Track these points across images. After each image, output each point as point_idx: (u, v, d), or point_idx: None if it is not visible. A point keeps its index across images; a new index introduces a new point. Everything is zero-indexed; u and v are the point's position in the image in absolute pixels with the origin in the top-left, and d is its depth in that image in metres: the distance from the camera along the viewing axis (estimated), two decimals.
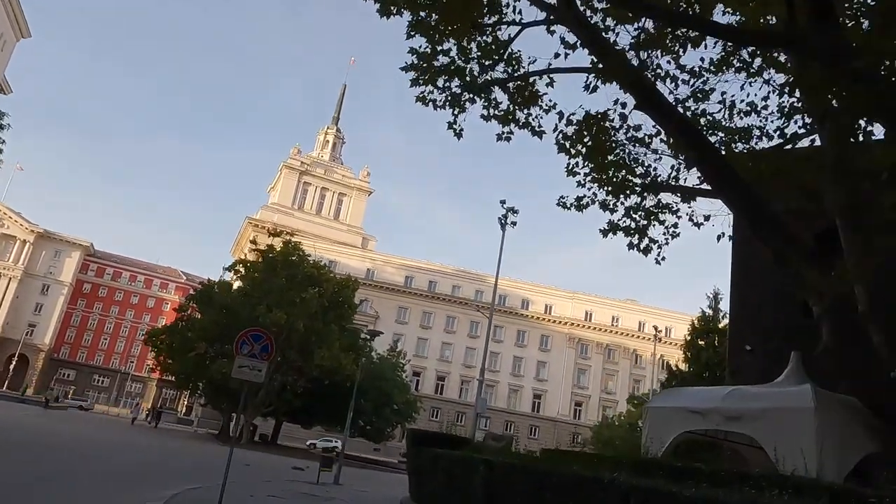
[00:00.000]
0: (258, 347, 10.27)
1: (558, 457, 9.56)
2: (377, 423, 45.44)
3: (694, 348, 35.13)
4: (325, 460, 19.06)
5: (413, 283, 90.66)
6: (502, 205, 26.98)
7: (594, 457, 8.57)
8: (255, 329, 10.76)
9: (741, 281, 15.20)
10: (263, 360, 10.40)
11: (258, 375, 10.34)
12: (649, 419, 9.67)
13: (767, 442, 7.65)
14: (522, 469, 7.40)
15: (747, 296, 14.99)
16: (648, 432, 9.45)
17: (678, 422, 8.94)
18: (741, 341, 14.77)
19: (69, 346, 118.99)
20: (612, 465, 7.20)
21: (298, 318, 40.74)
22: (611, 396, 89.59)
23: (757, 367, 13.93)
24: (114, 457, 19.49)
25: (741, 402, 8.41)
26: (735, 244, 15.42)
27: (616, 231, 13.72)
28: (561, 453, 10.38)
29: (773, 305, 14.66)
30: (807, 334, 14.44)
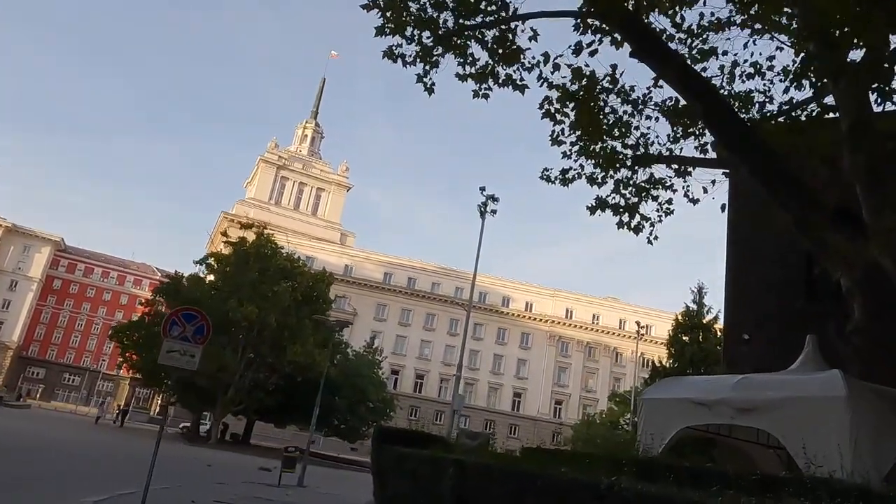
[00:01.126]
0: (191, 329, 8.87)
1: (541, 456, 8.31)
2: (352, 422, 43.99)
3: (678, 344, 34.24)
4: (288, 460, 17.56)
5: (392, 279, 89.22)
6: (482, 192, 25.75)
7: (582, 456, 7.34)
8: (188, 308, 9.33)
9: (737, 264, 14.06)
10: (198, 344, 9.00)
11: (191, 362, 8.95)
12: (645, 412, 8.46)
13: (789, 437, 6.51)
14: (501, 471, 6.15)
15: (744, 280, 13.86)
16: (644, 427, 8.25)
17: (679, 415, 7.76)
18: (737, 330, 13.63)
19: (38, 343, 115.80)
20: (605, 466, 5.96)
21: (270, 312, 39.21)
22: (591, 395, 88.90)
23: (755, 357, 12.80)
24: (57, 458, 17.91)
25: (755, 391, 7.24)
26: (731, 222, 14.32)
27: (604, 208, 12.53)
28: (543, 452, 9.15)
29: (772, 290, 13.57)
30: (810, 321, 13.38)
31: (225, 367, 38.41)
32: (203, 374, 37.60)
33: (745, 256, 14.05)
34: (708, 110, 7.65)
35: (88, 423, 45.04)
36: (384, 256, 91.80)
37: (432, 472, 7.45)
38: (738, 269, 14.13)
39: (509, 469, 6.02)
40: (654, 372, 34.92)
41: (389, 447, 9.39)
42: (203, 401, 42.71)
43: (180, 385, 43.33)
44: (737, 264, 14.16)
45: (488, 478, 6.26)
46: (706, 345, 33.58)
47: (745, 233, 14.14)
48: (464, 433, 11.92)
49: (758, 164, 7.30)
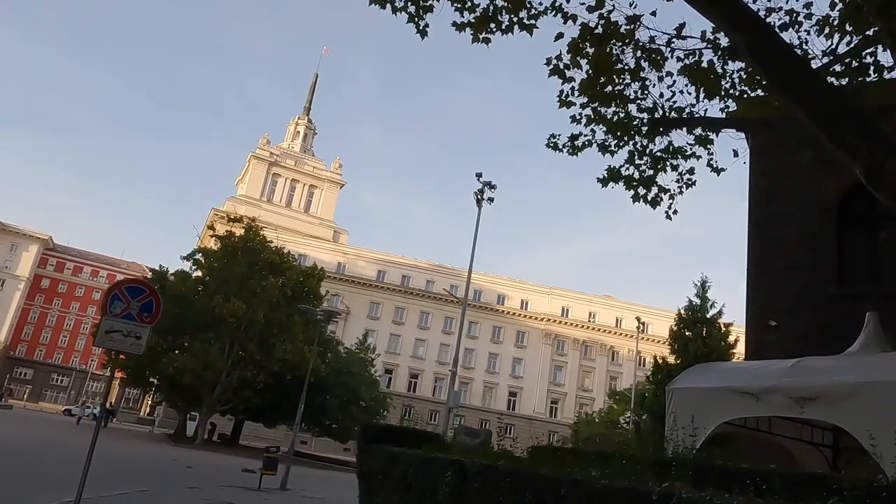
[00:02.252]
0: (137, 305, 7.52)
1: (553, 456, 7.01)
2: (344, 422, 42.60)
3: (681, 339, 32.97)
4: (269, 461, 16.13)
5: (386, 277, 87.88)
6: (478, 178, 24.47)
7: (604, 456, 6.04)
8: (133, 280, 7.93)
9: (761, 246, 12.78)
10: (145, 324, 7.65)
11: (136, 345, 7.59)
12: (675, 405, 7.21)
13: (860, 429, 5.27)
14: (512, 474, 4.88)
15: (768, 263, 12.58)
16: (675, 421, 6.98)
17: (718, 407, 6.54)
18: (762, 316, 12.34)
19: (26, 343, 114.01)
20: (640, 468, 4.68)
21: (259, 308, 37.80)
22: (587, 394, 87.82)
23: (783, 345, 11.52)
24: (18, 461, 16.50)
25: (817, 376, 6.02)
26: (753, 199, 13.07)
27: (617, 180, 11.25)
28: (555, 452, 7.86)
29: (800, 273, 12.30)
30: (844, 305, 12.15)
31: (211, 365, 37.02)
32: (188, 372, 36.26)
33: (770, 237, 12.79)
34: (756, 44, 6.40)
35: (70, 424, 43.50)
36: (378, 254, 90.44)
37: (427, 475, 6.20)
38: (762, 252, 12.87)
39: (522, 473, 4.76)
40: (656, 368, 33.76)
41: (377, 447, 8.11)
42: (189, 400, 41.29)
43: (165, 384, 42.01)
44: (760, 246, 12.89)
45: (495, 483, 5.01)
46: (710, 340, 32.41)
47: (768, 211, 12.90)
48: (462, 430, 10.71)
49: (820, 104, 6.07)
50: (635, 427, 38.55)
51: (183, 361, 35.86)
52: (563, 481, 4.20)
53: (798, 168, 12.72)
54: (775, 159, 13.12)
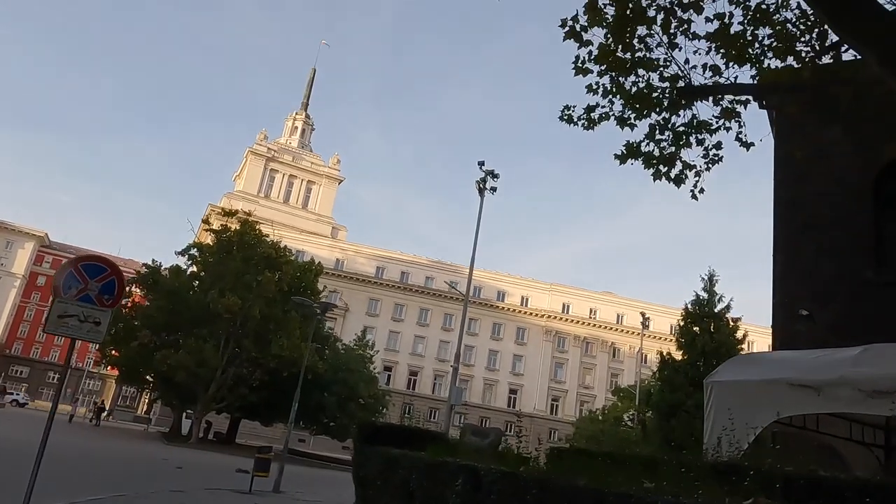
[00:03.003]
0: (96, 286, 6.55)
1: (577, 459, 6.07)
2: (342, 420, 41.66)
3: (688, 335, 32.05)
4: (260, 462, 15.18)
5: (385, 273, 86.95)
6: (480, 167, 23.52)
7: (639, 459, 5.12)
8: (91, 256, 6.89)
9: (788, 228, 11.85)
10: (106, 307, 6.68)
11: (94, 331, 6.61)
12: (716, 400, 6.31)
13: None
14: (540, 486, 3.95)
15: (798, 244, 11.65)
16: (714, 420, 6.08)
17: (770, 402, 5.64)
18: (792, 304, 11.41)
19: (22, 341, 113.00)
20: (692, 475, 3.77)
21: (254, 303, 36.83)
22: (588, 391, 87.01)
23: (816, 335, 10.59)
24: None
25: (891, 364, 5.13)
26: (779, 178, 12.14)
27: (636, 156, 10.34)
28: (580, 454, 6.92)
29: (833, 258, 11.38)
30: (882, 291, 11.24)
31: (206, 362, 36.06)
32: (182, 369, 35.34)
33: (799, 219, 11.86)
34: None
35: (62, 423, 42.48)
36: (376, 250, 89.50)
37: (433, 482, 5.30)
38: (791, 235, 11.94)
39: (554, 483, 3.86)
40: (662, 365, 32.84)
41: (375, 448, 7.19)
42: (183, 398, 40.34)
43: (160, 381, 41.07)
44: (788, 229, 11.96)
45: (518, 495, 4.11)
46: (718, 335, 31.50)
47: (797, 191, 11.96)
48: (469, 429, 9.82)
49: None
50: (641, 424, 37.68)
51: (177, 358, 34.90)
52: (608, 496, 3.31)
53: (829, 145, 11.81)
54: (804, 136, 12.18)
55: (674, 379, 30.72)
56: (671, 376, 31.04)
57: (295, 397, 17.91)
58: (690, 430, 27.83)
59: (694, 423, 28.00)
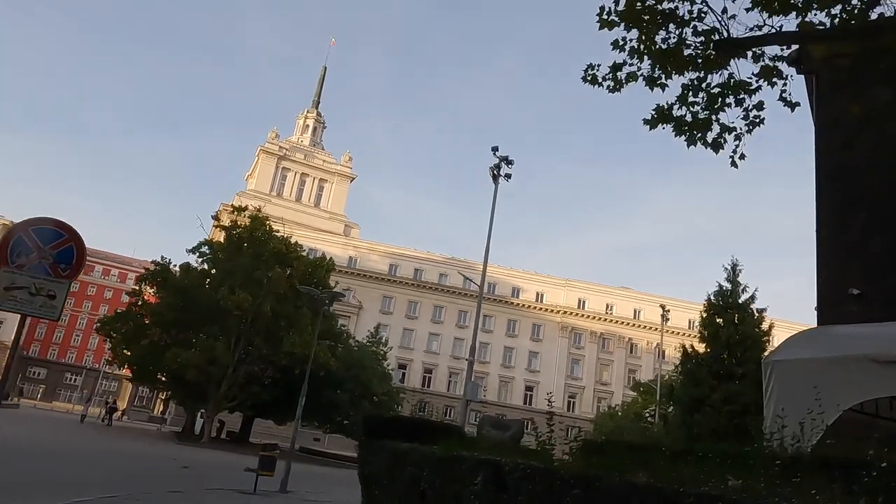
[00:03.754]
0: (51, 254, 5.70)
1: (614, 452, 5.17)
2: (355, 417, 40.86)
3: (711, 326, 30.87)
4: (265, 461, 14.34)
5: (398, 271, 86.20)
6: (494, 153, 22.60)
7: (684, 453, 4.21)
8: (45, 220, 5.94)
9: (835, 196, 10.83)
10: (62, 278, 5.81)
11: (48, 307, 5.70)
12: (778, 381, 5.40)
13: None
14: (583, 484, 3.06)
15: (845, 217, 10.64)
16: (777, 403, 5.17)
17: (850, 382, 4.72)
18: (838, 285, 10.39)
19: (39, 343, 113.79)
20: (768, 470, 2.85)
21: (265, 300, 36.15)
22: (606, 387, 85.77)
23: (868, 318, 9.54)
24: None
25: None
26: (821, 146, 11.13)
27: (667, 121, 9.42)
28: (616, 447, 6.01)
29: (885, 233, 10.36)
30: None
31: (217, 360, 35.44)
32: (193, 367, 34.77)
33: (845, 191, 10.84)
34: None
35: (73, 423, 42.19)
36: (389, 247, 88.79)
37: (447, 480, 4.45)
38: (836, 208, 10.92)
39: (602, 480, 2.98)
40: (684, 358, 31.68)
41: (381, 443, 6.34)
42: (195, 397, 39.79)
43: (171, 380, 40.57)
44: (833, 202, 10.95)
45: (553, 494, 3.25)
46: (743, 327, 30.31)
47: (843, 160, 10.94)
48: (488, 422, 8.97)
49: None
50: (662, 420, 36.59)
51: (187, 356, 34.32)
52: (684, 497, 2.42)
53: (877, 109, 10.79)
54: (849, 100, 11.15)
55: (697, 373, 29.62)
56: (694, 370, 29.92)
57: (302, 392, 17.13)
58: (715, 424, 26.83)
59: (719, 417, 27.00)
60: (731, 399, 27.39)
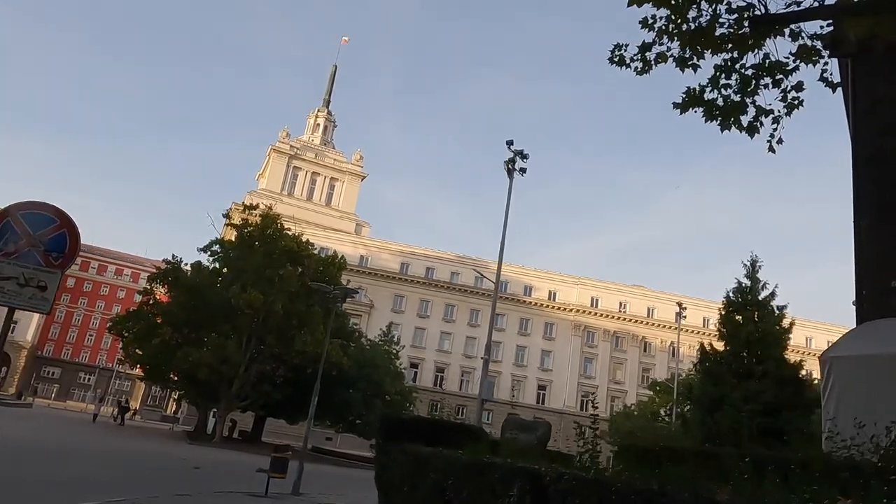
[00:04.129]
0: (42, 241, 5.25)
1: (643, 455, 4.67)
2: (368, 417, 40.51)
3: (730, 324, 30.19)
4: (277, 462, 13.91)
5: (409, 270, 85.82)
6: (509, 147, 22.10)
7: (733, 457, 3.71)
8: (35, 204, 5.44)
9: (876, 183, 10.24)
10: (54, 268, 5.37)
11: (39, 300, 5.25)
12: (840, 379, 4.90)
13: None
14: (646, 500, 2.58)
15: (887, 205, 10.05)
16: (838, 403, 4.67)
17: None
18: (881, 274, 9.81)
19: (53, 343, 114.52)
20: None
21: (276, 298, 35.83)
22: (619, 386, 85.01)
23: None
24: None
25: None
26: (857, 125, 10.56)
27: (698, 105, 8.91)
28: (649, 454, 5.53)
29: None
30: None
31: (228, 359, 35.17)
32: (205, 366, 34.52)
33: (887, 176, 10.25)
34: None
35: (85, 422, 42.10)
36: (401, 246, 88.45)
37: (476, 490, 3.98)
38: (876, 195, 10.33)
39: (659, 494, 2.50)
40: (703, 356, 31.03)
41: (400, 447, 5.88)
42: (207, 396, 39.56)
43: (183, 379, 40.36)
44: (873, 189, 10.36)
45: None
46: (763, 324, 29.62)
47: (884, 144, 10.35)
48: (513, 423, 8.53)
49: None
50: (680, 419, 35.93)
51: (199, 355, 34.08)
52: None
53: None
54: (888, 83, 10.57)
55: (716, 371, 28.99)
56: (713, 368, 29.29)
57: (315, 390, 16.74)
58: (735, 423, 26.18)
59: (739, 416, 26.35)
60: (752, 398, 26.77)
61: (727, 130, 8.69)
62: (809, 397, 28.10)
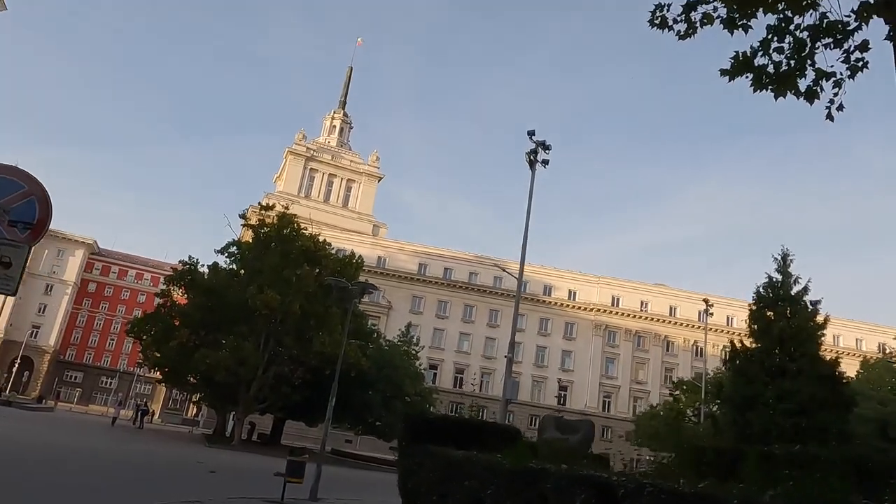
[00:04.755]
0: (5, 209, 4.47)
1: (701, 457, 3.87)
2: (388, 418, 39.85)
3: (761, 320, 29.09)
4: (293, 466, 13.22)
5: (427, 270, 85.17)
6: (531, 137, 21.31)
7: None
8: None
9: None
10: (20, 242, 4.61)
11: (3, 279, 4.48)
12: None
13: None
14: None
15: None
16: None
17: None
18: None
19: (75, 347, 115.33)
20: None
21: (294, 298, 35.30)
22: (642, 386, 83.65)
23: None
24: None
25: None
26: None
27: (748, 71, 8.07)
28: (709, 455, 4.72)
29: None
30: None
31: (246, 361, 34.70)
32: (222, 369, 34.09)
33: None
34: None
35: (104, 426, 41.88)
36: (418, 246, 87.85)
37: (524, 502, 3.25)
38: None
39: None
40: (733, 353, 29.97)
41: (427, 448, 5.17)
42: (225, 398, 39.15)
43: (201, 382, 40.00)
44: None
45: None
46: (796, 320, 28.51)
47: None
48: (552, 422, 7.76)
49: None
50: (710, 419, 34.81)
51: (216, 357, 33.65)
52: None
53: None
54: None
55: (748, 369, 27.93)
56: (744, 366, 28.24)
57: (332, 392, 16.07)
58: (769, 423, 25.12)
59: (774, 416, 25.28)
60: (786, 396, 25.73)
61: (782, 97, 7.86)
62: (846, 396, 27.00)
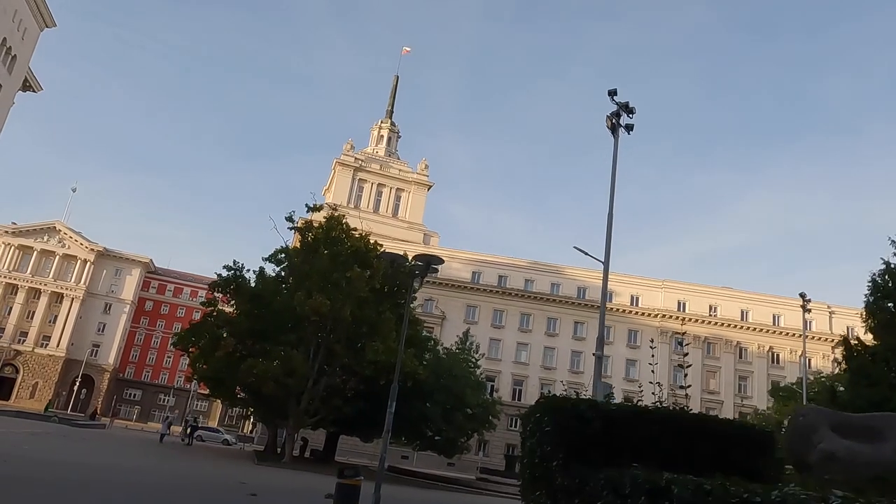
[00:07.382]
0: None
1: None
2: (448, 432, 36.79)
3: (881, 312, 25.07)
4: (344, 490, 10.38)
5: (481, 278, 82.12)
6: (612, 98, 18.18)
7: None
8: None
9: None
10: None
11: None
12: None
13: None
14: None
15: None
16: None
17: None
18: None
19: (133, 365, 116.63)
20: None
21: (345, 304, 32.76)
22: (714, 396, 78.26)
23: None
24: None
25: None
26: None
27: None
28: None
29: None
30: None
31: (295, 371, 32.29)
32: (270, 380, 31.73)
33: None
34: None
35: (151, 442, 40.15)
36: (471, 254, 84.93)
37: None
38: None
39: None
40: (849, 353, 25.89)
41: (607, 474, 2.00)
42: (275, 412, 36.82)
43: (249, 394, 37.89)
44: None
45: None
46: None
47: None
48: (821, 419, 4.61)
49: None
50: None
51: (263, 367, 31.30)
52: None
53: None
54: None
55: (870, 370, 23.87)
56: (865, 367, 24.21)
57: (392, 395, 13.36)
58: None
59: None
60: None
61: None
62: None
